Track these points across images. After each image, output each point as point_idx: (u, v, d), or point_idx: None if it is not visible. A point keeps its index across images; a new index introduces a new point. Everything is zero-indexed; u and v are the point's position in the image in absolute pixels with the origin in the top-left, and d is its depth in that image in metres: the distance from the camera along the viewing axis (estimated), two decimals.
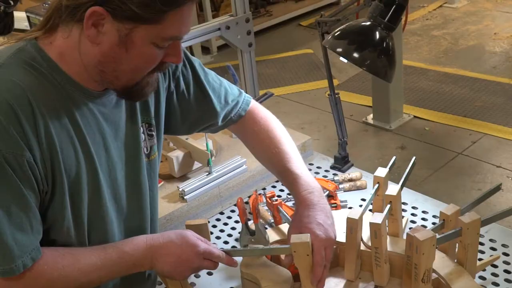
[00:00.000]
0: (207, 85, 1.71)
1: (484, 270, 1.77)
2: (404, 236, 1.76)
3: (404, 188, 2.16)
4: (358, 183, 2.19)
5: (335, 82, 5.58)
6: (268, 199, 1.95)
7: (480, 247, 1.87)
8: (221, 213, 2.19)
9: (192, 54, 5.44)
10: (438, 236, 1.56)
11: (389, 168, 1.85)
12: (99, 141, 1.46)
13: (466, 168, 4.25)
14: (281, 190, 2.23)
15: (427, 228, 1.59)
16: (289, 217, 1.83)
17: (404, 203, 2.09)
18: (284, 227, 1.84)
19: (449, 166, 4.28)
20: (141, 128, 1.58)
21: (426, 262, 1.54)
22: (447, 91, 5.33)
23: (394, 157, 1.90)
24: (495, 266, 1.79)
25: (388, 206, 1.68)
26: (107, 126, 1.47)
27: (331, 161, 2.38)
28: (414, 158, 1.90)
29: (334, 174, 2.27)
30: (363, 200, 2.11)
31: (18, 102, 1.29)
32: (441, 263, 1.62)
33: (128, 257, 1.48)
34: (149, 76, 1.42)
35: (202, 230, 2.01)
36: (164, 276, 1.60)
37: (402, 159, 4.44)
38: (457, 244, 1.66)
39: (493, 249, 1.86)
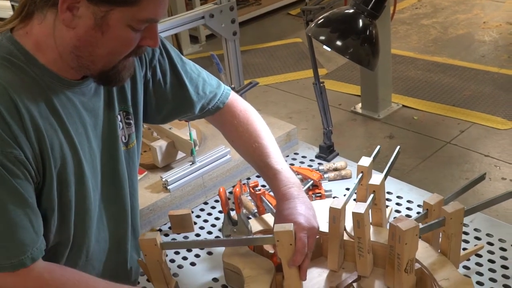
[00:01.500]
0: (184, 75, 1.69)
1: (468, 259, 1.76)
2: (388, 226, 1.75)
3: (389, 178, 2.16)
4: (343, 172, 2.17)
5: (324, 71, 5.58)
6: (251, 189, 1.93)
7: (465, 237, 1.86)
8: (205, 203, 2.17)
9: (180, 43, 5.42)
10: (421, 226, 1.55)
11: (373, 157, 1.83)
12: (81, 131, 1.44)
13: (454, 157, 4.25)
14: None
15: (410, 218, 1.57)
16: (272, 207, 1.81)
17: (389, 193, 2.09)
18: (267, 217, 1.83)
19: (437, 155, 4.27)
20: (119, 117, 1.55)
21: (409, 252, 1.53)
22: (435, 80, 5.32)
23: (378, 146, 1.89)
24: (479, 256, 1.78)
25: (372, 195, 1.67)
26: (87, 115, 1.46)
27: (316, 150, 2.37)
28: (398, 147, 1.88)
29: (319, 164, 2.25)
30: (348, 189, 2.10)
31: (0, 100, 1.27)
32: (424, 253, 1.61)
33: None
34: (126, 60, 1.40)
35: (185, 220, 2.01)
36: None
37: (391, 148, 4.43)
38: (440, 234, 1.65)
39: (478, 238, 1.85)
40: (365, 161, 1.81)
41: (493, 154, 4.24)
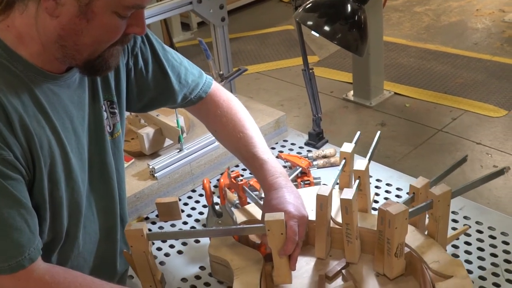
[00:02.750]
0: (166, 63, 1.65)
1: (457, 247, 1.74)
2: (372, 212, 1.76)
3: (379, 165, 2.15)
4: (332, 159, 2.15)
5: (316, 58, 5.56)
6: (233, 179, 1.89)
7: (454, 224, 1.84)
8: (193, 190, 2.15)
9: (169, 30, 5.37)
10: (410, 209, 1.54)
11: (355, 143, 1.83)
12: (68, 125, 1.40)
13: (446, 144, 4.23)
14: (244, 169, 2.20)
15: (398, 202, 1.56)
16: (255, 197, 1.78)
17: (378, 180, 2.08)
18: (251, 207, 1.80)
19: (429, 143, 4.26)
20: (103, 107, 1.52)
21: (399, 236, 1.52)
22: (428, 68, 5.30)
23: (358, 132, 1.89)
24: (469, 244, 1.76)
25: (357, 181, 1.66)
26: (73, 108, 1.42)
27: (306, 137, 2.35)
28: (379, 132, 1.89)
29: (308, 151, 2.23)
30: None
31: None
32: (412, 237, 1.60)
33: None
34: (112, 48, 1.35)
35: (172, 208, 1.99)
36: None
37: (382, 136, 4.43)
38: (426, 217, 1.65)
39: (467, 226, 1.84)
40: (348, 147, 1.80)
41: (485, 142, 4.23)
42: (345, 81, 5.18)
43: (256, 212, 1.77)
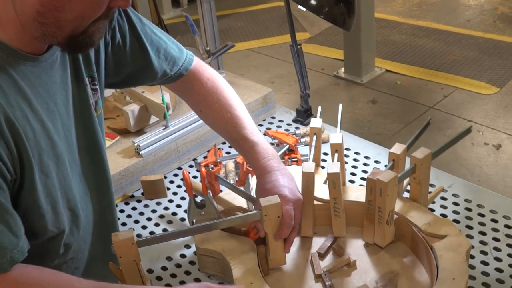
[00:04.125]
0: (144, 38, 1.58)
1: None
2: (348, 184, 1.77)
3: (368, 143, 2.15)
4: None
5: (307, 35, 5.52)
6: (203, 168, 1.77)
7: (443, 202, 1.82)
8: (179, 168, 2.12)
9: (157, 7, 5.31)
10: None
11: (319, 117, 1.85)
12: (53, 108, 1.34)
13: (437, 122, 4.21)
14: (231, 147, 2.17)
15: (383, 170, 1.56)
16: (230, 182, 1.74)
17: (366, 157, 2.06)
18: (225, 195, 1.76)
19: (420, 120, 4.23)
20: (87, 83, 1.46)
21: (390, 203, 1.53)
22: (420, 45, 5.26)
23: (319, 107, 1.91)
24: (457, 222, 1.74)
25: (336, 154, 1.66)
26: (57, 89, 1.35)
27: (294, 114, 2.32)
28: (340, 104, 1.91)
29: (296, 128, 2.21)
30: (325, 154, 2.05)
31: None
32: (397, 203, 1.61)
33: None
34: (97, 22, 1.27)
35: (157, 186, 1.96)
36: None
37: (373, 113, 4.42)
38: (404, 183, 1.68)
39: (456, 204, 1.81)
40: (316, 122, 1.80)
41: (476, 119, 4.21)
42: (336, 58, 5.14)
43: (231, 199, 1.74)
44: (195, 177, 2.02)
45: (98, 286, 1.30)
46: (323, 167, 1.87)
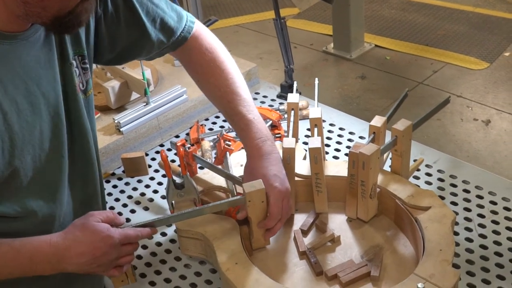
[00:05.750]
0: (140, 7, 1.49)
1: None
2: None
3: (354, 119, 2.12)
4: (304, 112, 2.08)
5: (296, 10, 5.46)
6: (180, 148, 1.69)
7: (428, 178, 1.80)
8: (161, 145, 2.08)
9: None
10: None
11: (296, 91, 1.83)
12: (33, 89, 1.25)
13: (426, 97, 4.18)
14: (214, 123, 2.15)
15: (364, 143, 1.54)
16: (208, 162, 1.70)
17: (351, 133, 2.03)
18: (203, 175, 1.73)
19: (409, 96, 4.14)
20: (74, 62, 1.37)
21: (373, 176, 1.51)
22: (409, 20, 5.22)
23: (295, 81, 1.91)
24: (442, 198, 1.71)
25: (316, 129, 1.63)
26: (41, 68, 1.27)
27: (278, 89, 2.28)
28: (317, 79, 1.89)
29: (280, 103, 2.17)
30: (309, 130, 2.01)
31: None
32: (379, 176, 1.59)
33: (25, 261, 1.27)
34: (85, 1, 1.19)
35: (138, 163, 1.93)
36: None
37: (362, 89, 4.38)
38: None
39: (441, 180, 1.79)
40: (293, 97, 1.78)
41: (465, 95, 4.18)
42: (325, 34, 5.09)
43: (210, 178, 1.71)
44: (173, 161, 1.98)
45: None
46: (305, 143, 1.84)
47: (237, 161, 1.73)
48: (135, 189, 1.90)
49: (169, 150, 2.04)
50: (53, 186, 1.34)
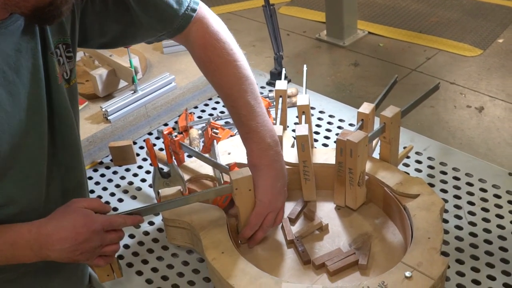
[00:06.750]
0: None
1: None
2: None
3: (345, 106, 2.09)
4: (294, 99, 2.07)
5: None
6: (166, 137, 1.67)
7: (417, 166, 1.78)
8: (150, 133, 2.06)
9: None
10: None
11: (285, 79, 1.81)
12: (12, 78, 1.22)
13: (419, 84, 4.16)
14: (203, 111, 2.13)
15: (352, 130, 1.52)
16: (195, 150, 1.68)
17: (341, 120, 2.02)
18: (190, 163, 1.71)
19: (402, 83, 4.18)
20: (58, 51, 1.33)
21: (361, 164, 1.49)
22: (403, 6, 5.19)
23: (283, 68, 1.88)
24: (432, 185, 1.70)
25: (303, 116, 1.62)
26: (21, 57, 1.24)
27: (268, 77, 2.26)
28: (305, 66, 1.89)
29: (270, 91, 2.15)
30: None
31: None
32: (367, 164, 1.58)
33: (7, 248, 1.25)
34: None
35: (126, 152, 1.91)
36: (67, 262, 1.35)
37: (355, 76, 4.36)
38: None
39: (431, 167, 1.77)
40: (282, 84, 1.76)
41: (459, 82, 4.16)
42: (318, 21, 5.06)
43: (197, 167, 1.69)
44: (161, 149, 1.96)
45: None
46: (294, 130, 1.82)
47: (224, 149, 1.71)
48: (123, 178, 1.88)
49: (157, 138, 2.02)
50: (33, 176, 1.32)
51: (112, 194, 1.81)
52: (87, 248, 1.29)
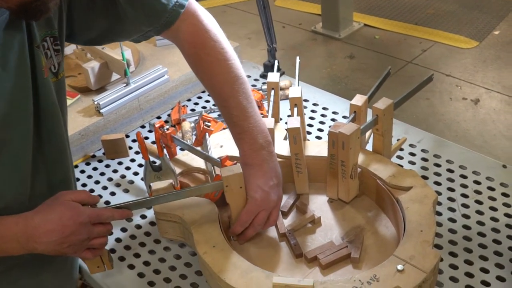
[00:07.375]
0: None
1: None
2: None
3: (339, 98, 2.10)
4: (287, 92, 2.05)
5: None
6: (158, 130, 1.66)
7: (411, 158, 1.77)
8: (142, 126, 2.05)
9: None
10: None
11: (277, 71, 1.82)
12: None
13: (415, 77, 4.14)
14: (196, 104, 2.12)
15: (345, 123, 1.51)
16: (187, 143, 1.67)
17: (334, 112, 2.01)
18: (182, 156, 1.70)
19: (398, 75, 4.17)
20: (45, 44, 1.31)
21: (354, 156, 1.49)
22: None
23: (276, 60, 1.88)
24: (426, 178, 1.69)
25: (296, 109, 1.61)
26: (6, 50, 1.21)
27: (261, 69, 2.25)
28: (298, 57, 1.90)
29: (263, 83, 2.14)
30: None
31: None
32: (359, 156, 1.57)
33: None
34: None
35: (119, 145, 1.90)
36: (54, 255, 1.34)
37: (351, 69, 4.34)
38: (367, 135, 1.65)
39: (425, 159, 1.76)
40: (274, 76, 1.75)
41: (455, 74, 4.14)
42: (314, 13, 5.05)
43: (189, 160, 1.68)
44: (153, 142, 1.95)
45: None
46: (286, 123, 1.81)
47: (216, 142, 1.70)
48: (115, 171, 1.87)
49: (150, 131, 2.00)
50: (18, 170, 1.30)
51: (105, 188, 1.80)
52: (74, 240, 1.28)
